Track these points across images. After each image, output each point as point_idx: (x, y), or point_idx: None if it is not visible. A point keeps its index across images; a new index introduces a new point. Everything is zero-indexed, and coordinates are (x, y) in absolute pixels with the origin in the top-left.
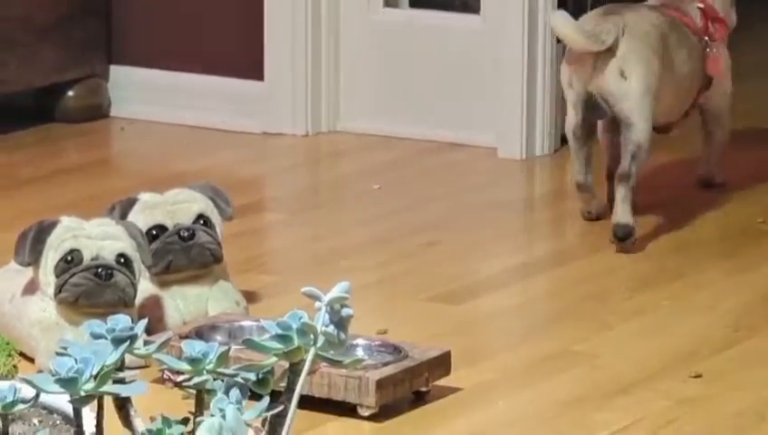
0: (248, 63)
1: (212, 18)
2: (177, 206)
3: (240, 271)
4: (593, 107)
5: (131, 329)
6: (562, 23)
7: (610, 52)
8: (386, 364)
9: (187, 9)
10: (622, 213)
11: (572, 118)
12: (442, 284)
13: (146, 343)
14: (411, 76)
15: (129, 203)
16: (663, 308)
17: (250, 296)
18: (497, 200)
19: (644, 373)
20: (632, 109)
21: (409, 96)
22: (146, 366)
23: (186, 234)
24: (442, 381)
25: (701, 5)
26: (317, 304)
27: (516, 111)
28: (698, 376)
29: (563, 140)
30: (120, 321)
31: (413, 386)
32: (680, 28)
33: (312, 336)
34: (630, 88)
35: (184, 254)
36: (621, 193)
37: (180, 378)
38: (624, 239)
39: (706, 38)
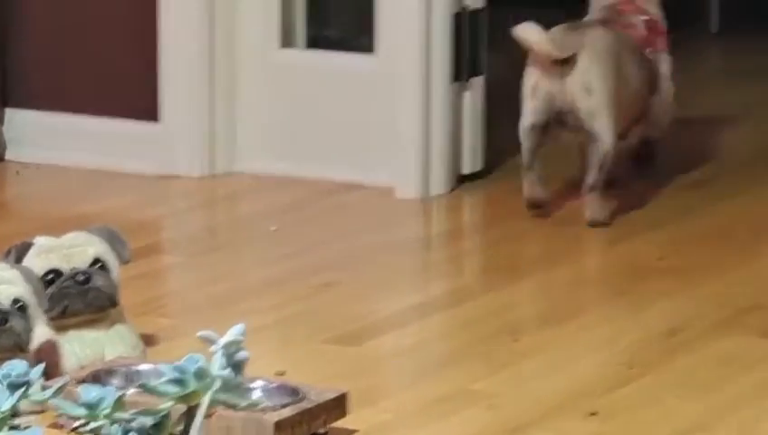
0: (144, 105)
1: (107, 60)
2: (73, 250)
3: (137, 314)
4: (559, 118)
5: (27, 374)
6: (529, 29)
7: (575, 69)
8: (284, 406)
9: (81, 51)
10: (598, 210)
11: (527, 121)
12: (339, 325)
13: (43, 387)
14: (308, 117)
15: (25, 247)
16: (560, 346)
17: (148, 340)
18: (394, 240)
19: (540, 412)
20: (599, 123)
21: (306, 137)
22: (42, 411)
23: (82, 278)
24: (339, 423)
25: (644, 17)
26: (212, 347)
27: (412, 152)
28: (594, 414)
29: (459, 180)
30: (16, 366)
31: (311, 428)
32: (629, 42)
33: (208, 380)
34: (596, 104)
35: (80, 298)
36: (590, 199)
37: (77, 423)
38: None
39: (651, 49)
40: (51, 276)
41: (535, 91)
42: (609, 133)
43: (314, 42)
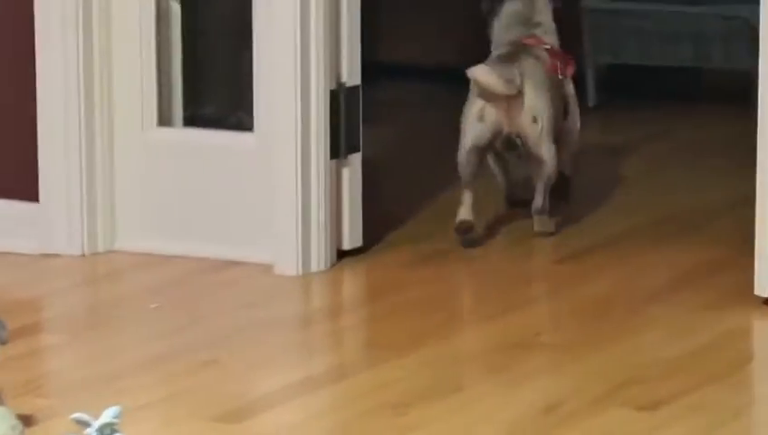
0: (22, 184)
1: None
2: None
3: (16, 395)
4: (509, 143)
5: None
6: (484, 72)
7: (524, 100)
8: None
9: None
10: (547, 224)
11: (470, 143)
12: (221, 403)
13: None
14: (187, 194)
15: None
16: (442, 421)
17: (26, 420)
18: (275, 317)
19: None
20: (543, 149)
21: (185, 215)
22: None
23: None
24: None
25: (547, 47)
26: (86, 430)
27: (292, 228)
28: None
29: (339, 255)
30: None
31: None
32: (548, 71)
33: None
34: (541, 131)
35: None
36: (538, 219)
37: None
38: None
39: (561, 76)
40: None
41: (482, 116)
42: (552, 157)
43: (192, 120)
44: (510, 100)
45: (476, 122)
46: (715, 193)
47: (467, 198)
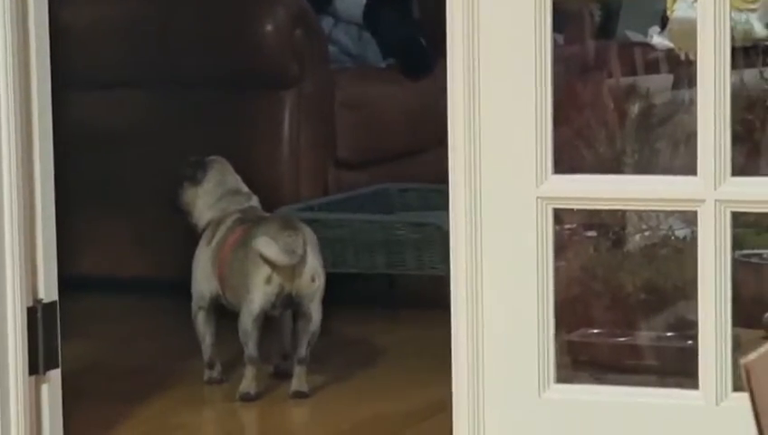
0: None
1: None
2: None
3: None
4: (287, 302)
5: None
6: (268, 248)
7: (306, 264)
8: None
9: None
10: (300, 384)
11: (258, 308)
12: None
13: None
14: None
15: None
16: None
17: None
18: None
19: None
20: (314, 305)
21: None
22: None
23: None
24: None
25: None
26: None
27: None
28: None
29: None
30: None
31: None
32: None
33: None
34: (317, 289)
35: None
36: (299, 370)
37: None
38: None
39: None
40: None
41: (270, 280)
42: (320, 313)
43: None
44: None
45: (264, 286)
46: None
47: (252, 368)
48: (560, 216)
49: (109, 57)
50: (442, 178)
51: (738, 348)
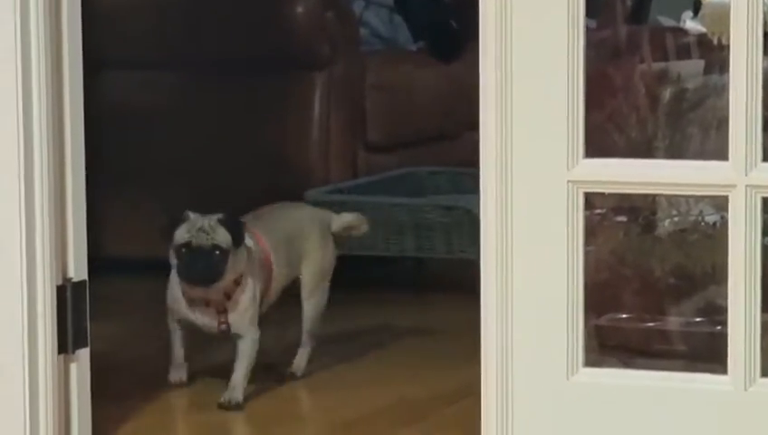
0: None
1: None
2: None
3: None
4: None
5: None
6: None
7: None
8: None
9: None
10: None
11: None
12: None
13: None
14: None
15: None
16: None
17: None
18: None
19: None
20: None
21: None
22: None
23: None
24: None
25: None
26: None
27: (20, 429)
28: None
29: None
30: None
31: None
32: None
33: None
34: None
35: None
36: (299, 352)
37: None
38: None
39: None
40: None
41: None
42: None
43: None
44: None
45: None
46: (440, 382)
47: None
48: (590, 200)
49: (139, 38)
50: (472, 161)
51: (767, 334)
